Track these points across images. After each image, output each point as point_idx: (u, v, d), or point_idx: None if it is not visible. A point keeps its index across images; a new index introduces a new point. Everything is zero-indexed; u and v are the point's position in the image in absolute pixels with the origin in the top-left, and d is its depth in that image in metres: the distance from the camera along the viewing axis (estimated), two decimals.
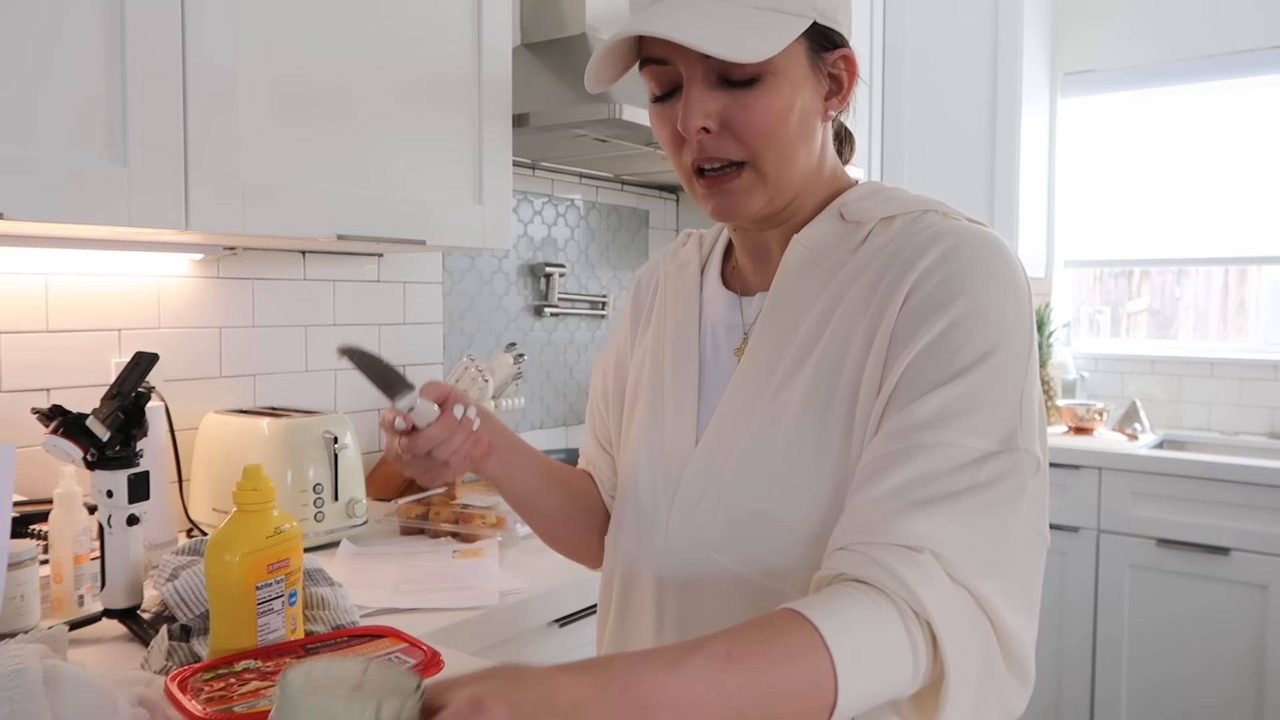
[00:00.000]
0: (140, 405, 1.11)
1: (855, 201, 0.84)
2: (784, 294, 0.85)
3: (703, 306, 0.94)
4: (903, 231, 0.80)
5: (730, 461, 0.83)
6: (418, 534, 1.63)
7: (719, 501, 0.83)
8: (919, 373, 0.73)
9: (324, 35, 1.39)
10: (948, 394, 0.72)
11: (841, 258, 0.82)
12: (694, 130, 0.79)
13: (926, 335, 0.74)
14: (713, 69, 0.77)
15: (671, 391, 0.91)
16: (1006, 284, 0.76)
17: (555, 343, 2.38)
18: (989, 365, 0.73)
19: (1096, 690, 2.59)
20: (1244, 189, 2.94)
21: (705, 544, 0.83)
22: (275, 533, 0.90)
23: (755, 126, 0.78)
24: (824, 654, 0.61)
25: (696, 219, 2.73)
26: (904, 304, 0.76)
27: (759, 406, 0.82)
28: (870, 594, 0.66)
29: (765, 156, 0.79)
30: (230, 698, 0.76)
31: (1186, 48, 2.98)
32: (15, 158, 1.06)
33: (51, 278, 1.45)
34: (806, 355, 0.81)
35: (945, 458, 0.70)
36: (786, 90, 0.78)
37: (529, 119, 1.79)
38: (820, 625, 0.62)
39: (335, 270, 1.85)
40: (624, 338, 1.04)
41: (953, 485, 0.69)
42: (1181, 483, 2.47)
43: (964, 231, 0.77)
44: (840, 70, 0.82)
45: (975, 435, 0.71)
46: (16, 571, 1.06)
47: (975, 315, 0.74)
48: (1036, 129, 3.04)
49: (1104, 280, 3.29)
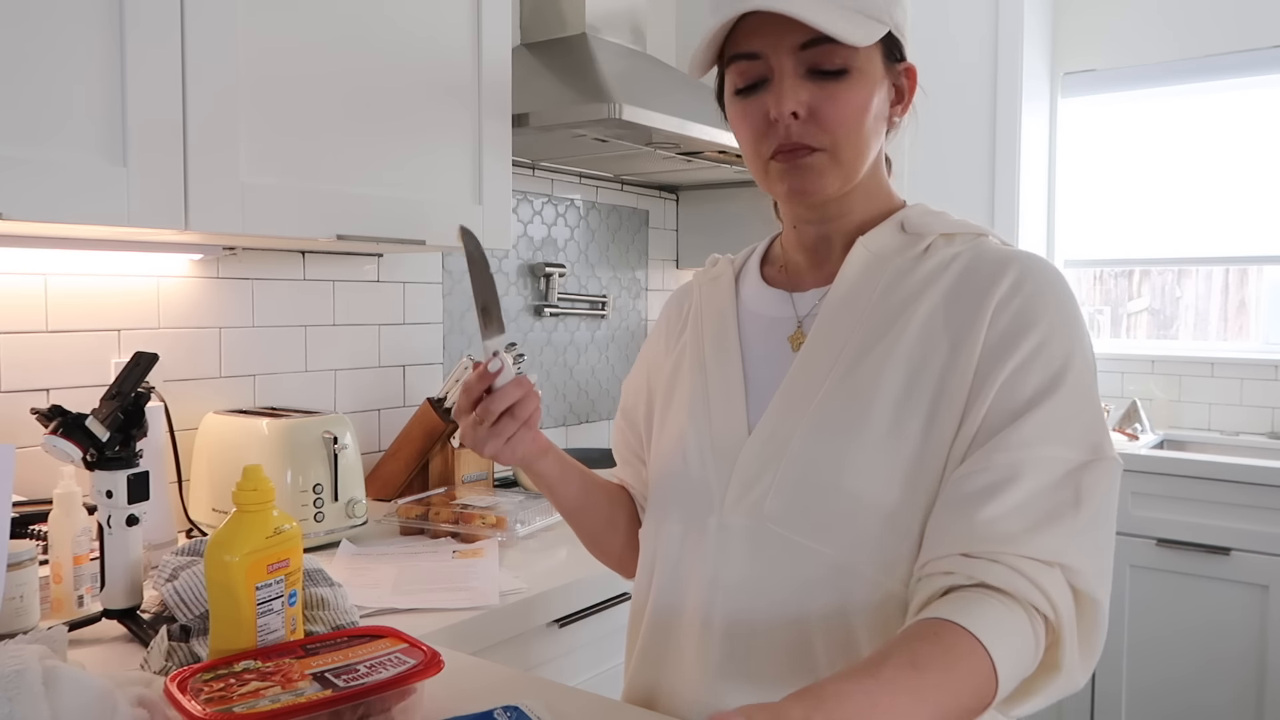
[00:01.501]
0: (140, 405, 1.11)
1: (916, 217, 0.92)
2: (847, 290, 0.90)
3: (740, 305, 0.99)
4: (971, 250, 0.89)
5: (794, 440, 0.86)
6: (418, 534, 1.63)
7: (780, 478, 0.86)
8: (1014, 391, 0.81)
9: (324, 35, 1.39)
10: (1042, 411, 0.79)
11: (905, 264, 0.89)
12: (786, 113, 0.84)
13: (1016, 356, 0.81)
14: (804, 62, 0.84)
15: (717, 379, 0.95)
16: (1072, 305, 0.85)
17: (555, 343, 2.38)
18: (1070, 381, 0.81)
19: (1097, 690, 2.59)
20: (1244, 189, 2.94)
21: (764, 518, 0.86)
22: (275, 533, 0.90)
23: (839, 116, 0.84)
24: (986, 657, 0.71)
25: (696, 219, 2.74)
26: (990, 325, 0.83)
27: (823, 389, 0.87)
28: (1005, 601, 0.75)
29: (844, 145, 0.86)
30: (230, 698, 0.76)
31: (1186, 48, 2.98)
32: (15, 158, 1.07)
33: (51, 278, 1.45)
34: (873, 347, 0.86)
35: (1051, 471, 0.78)
36: (867, 87, 0.85)
37: (529, 119, 1.79)
38: (979, 634, 0.71)
39: (335, 270, 1.85)
40: (657, 354, 1.07)
41: (1063, 497, 0.78)
42: (1181, 483, 2.47)
43: (1028, 257, 0.87)
44: (903, 81, 0.91)
45: (1071, 447, 0.79)
46: (16, 572, 1.06)
47: (1055, 336, 0.82)
48: (1036, 129, 3.04)
49: (1104, 280, 3.29)
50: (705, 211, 2.71)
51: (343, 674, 0.81)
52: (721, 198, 2.66)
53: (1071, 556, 0.76)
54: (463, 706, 0.85)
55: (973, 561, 0.76)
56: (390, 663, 0.84)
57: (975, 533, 0.77)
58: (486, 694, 0.91)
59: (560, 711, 0.86)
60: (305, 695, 0.77)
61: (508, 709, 0.83)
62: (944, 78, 2.85)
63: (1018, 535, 0.76)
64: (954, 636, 0.71)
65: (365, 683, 0.80)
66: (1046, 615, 0.75)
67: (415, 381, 2.02)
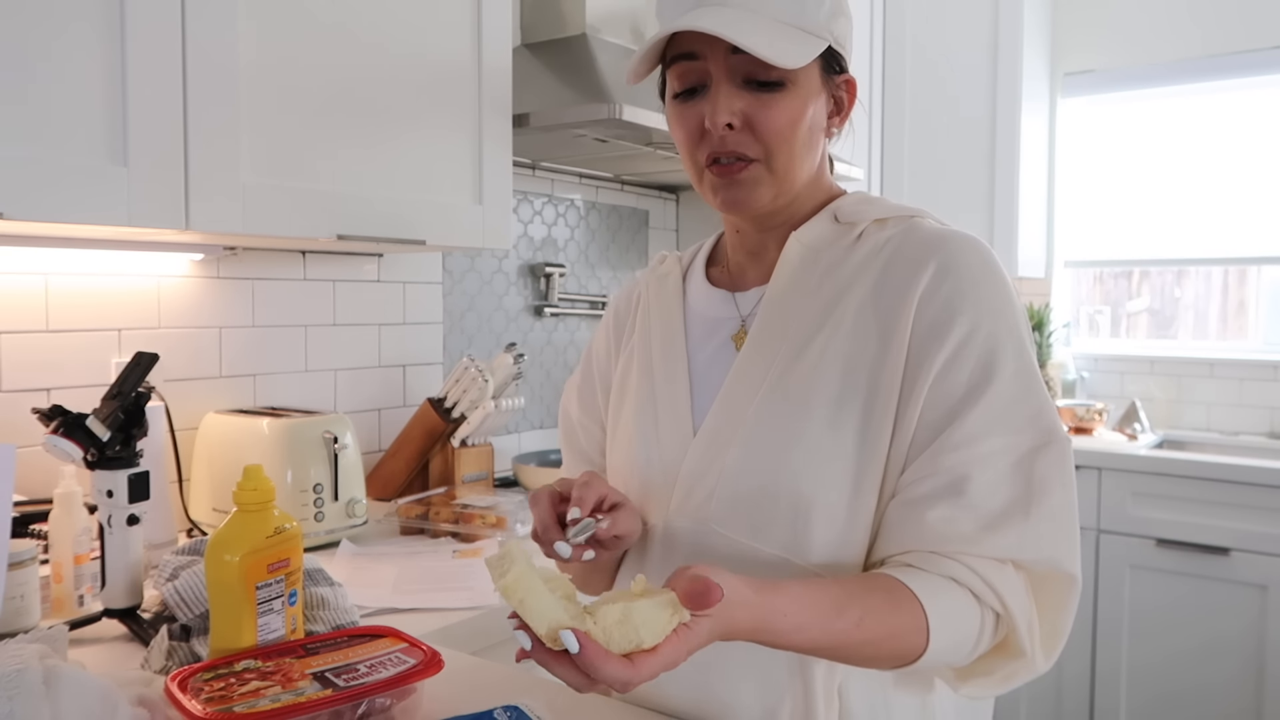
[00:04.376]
0: (140, 405, 1.11)
1: (849, 205, 0.92)
2: (783, 286, 0.90)
3: (687, 306, 0.99)
4: (901, 233, 0.87)
5: (734, 442, 0.86)
6: (418, 534, 1.63)
7: (722, 479, 0.86)
8: (948, 386, 0.80)
9: (324, 35, 1.40)
10: (982, 403, 0.79)
11: (837, 255, 0.89)
12: (721, 124, 0.85)
13: (946, 348, 0.80)
14: (740, 71, 0.84)
15: (663, 383, 0.95)
16: (1002, 285, 0.83)
17: (555, 343, 2.38)
18: (1006, 366, 0.80)
19: (1096, 691, 2.60)
20: (1244, 189, 2.94)
21: (708, 519, 0.87)
22: (275, 533, 0.90)
23: (773, 127, 0.85)
24: (921, 613, 0.75)
25: (696, 219, 2.74)
26: (916, 315, 0.82)
27: (762, 390, 0.87)
28: (959, 587, 0.78)
29: (777, 155, 0.86)
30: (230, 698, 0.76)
31: (1187, 48, 2.98)
32: (15, 158, 1.07)
33: (51, 278, 1.45)
34: (809, 343, 0.86)
35: (998, 464, 0.79)
36: (802, 100, 0.86)
37: (529, 119, 1.79)
38: (919, 594, 0.75)
39: (335, 270, 1.85)
40: (604, 354, 1.07)
41: (1014, 492, 0.78)
42: (1181, 483, 2.47)
43: (956, 239, 0.85)
44: (843, 93, 0.91)
45: (1016, 433, 0.79)
46: (16, 571, 1.06)
47: (984, 321, 0.81)
48: (1036, 129, 3.04)
49: (1104, 280, 3.29)
50: (705, 211, 2.71)
51: (343, 674, 0.81)
52: None
53: (1026, 551, 0.78)
54: (463, 706, 0.85)
55: (929, 557, 0.79)
56: (390, 662, 0.84)
57: (929, 535, 0.79)
58: (486, 694, 0.91)
59: (560, 711, 0.86)
60: (305, 695, 0.77)
61: (508, 709, 0.83)
62: (943, 78, 2.85)
63: (971, 535, 0.78)
64: (898, 588, 0.76)
65: (365, 682, 0.80)
66: (998, 612, 0.78)
67: (415, 381, 2.02)
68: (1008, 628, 0.79)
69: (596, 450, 1.07)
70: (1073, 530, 0.81)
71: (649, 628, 0.62)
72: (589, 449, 1.07)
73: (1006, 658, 0.82)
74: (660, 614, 0.63)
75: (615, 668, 0.61)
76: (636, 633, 0.62)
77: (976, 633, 0.78)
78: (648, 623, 0.62)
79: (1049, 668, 0.84)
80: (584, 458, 1.08)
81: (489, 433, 1.91)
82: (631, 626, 0.62)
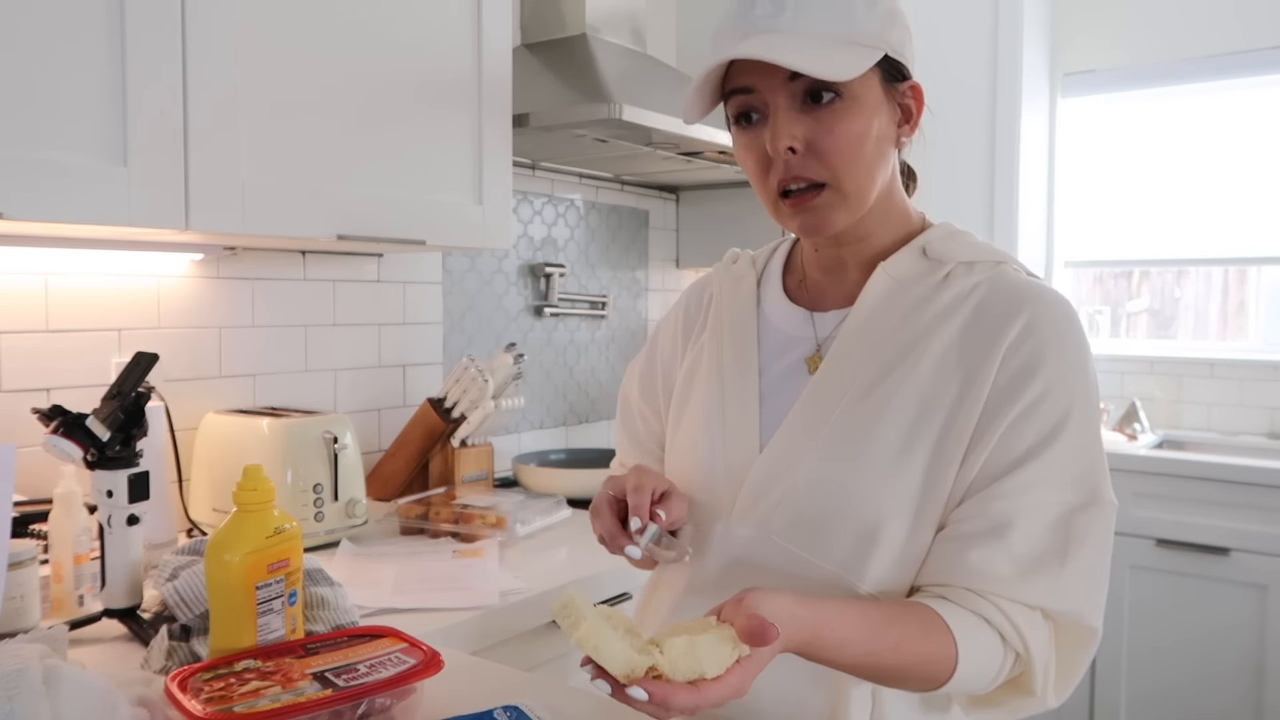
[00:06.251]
0: (140, 405, 1.11)
1: (938, 241, 0.92)
2: (866, 317, 0.91)
3: (761, 316, 1.00)
4: (989, 281, 0.89)
5: (803, 461, 0.88)
6: (418, 534, 1.63)
7: (787, 496, 0.88)
8: (1014, 440, 0.83)
9: (324, 35, 1.40)
10: (1040, 461, 0.82)
11: (925, 291, 0.90)
12: (782, 150, 0.84)
13: (1020, 404, 0.83)
14: (796, 94, 0.84)
15: (734, 392, 0.96)
16: (1080, 348, 0.86)
17: (555, 343, 2.38)
18: (1070, 429, 0.83)
19: (1096, 690, 2.60)
20: (1244, 189, 2.94)
21: (770, 530, 0.89)
22: (275, 533, 0.90)
23: (837, 147, 0.84)
24: (953, 644, 0.78)
25: (696, 219, 2.74)
26: (1000, 367, 0.84)
27: (835, 414, 0.88)
28: (987, 625, 0.81)
29: (845, 177, 0.86)
30: (230, 698, 0.76)
31: (1186, 48, 2.98)
32: (15, 158, 1.07)
33: (51, 278, 1.45)
34: (887, 376, 0.87)
35: (1042, 518, 0.82)
36: (864, 114, 0.85)
37: (529, 119, 1.79)
38: (954, 628, 0.79)
39: (335, 270, 1.85)
40: (670, 347, 1.08)
41: (1053, 544, 0.82)
42: (1181, 483, 2.47)
43: (1043, 295, 0.87)
44: (909, 100, 0.90)
45: (1065, 491, 0.83)
46: (16, 571, 1.06)
47: (1059, 384, 0.83)
48: (1036, 129, 3.04)
49: (1104, 280, 3.29)
50: (705, 211, 2.71)
51: (343, 674, 0.81)
52: (721, 198, 2.66)
53: (1055, 602, 0.82)
54: (463, 706, 0.85)
55: (964, 593, 0.82)
56: (390, 662, 0.84)
57: (968, 572, 0.82)
58: (486, 694, 0.91)
59: (560, 711, 0.86)
60: (305, 695, 0.77)
61: (508, 709, 0.83)
62: (944, 78, 2.85)
63: (1006, 579, 0.81)
64: (934, 619, 0.79)
65: (365, 682, 0.80)
66: (1019, 653, 0.82)
67: (415, 381, 2.02)
68: (1024, 668, 0.83)
69: (650, 437, 1.09)
70: (1101, 587, 0.85)
71: (711, 659, 0.68)
72: (644, 436, 1.10)
73: (1019, 694, 0.86)
74: (722, 648, 0.68)
75: (684, 696, 0.66)
76: (700, 664, 0.68)
77: (997, 669, 0.82)
78: (710, 655, 0.68)
79: (1058, 705, 0.87)
80: (638, 443, 1.10)
81: (489, 433, 1.91)
82: (696, 659, 0.68)
